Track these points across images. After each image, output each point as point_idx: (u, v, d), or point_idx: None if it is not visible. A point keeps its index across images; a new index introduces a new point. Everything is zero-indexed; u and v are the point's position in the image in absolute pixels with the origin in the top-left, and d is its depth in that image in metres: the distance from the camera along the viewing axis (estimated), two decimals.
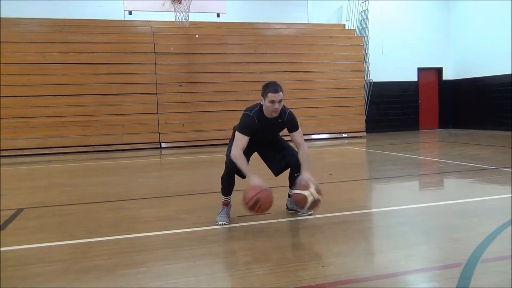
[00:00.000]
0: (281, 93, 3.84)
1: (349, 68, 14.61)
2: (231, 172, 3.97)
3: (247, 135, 3.91)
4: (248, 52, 13.49)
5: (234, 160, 3.82)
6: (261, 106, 3.95)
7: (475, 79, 15.53)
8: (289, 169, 4.21)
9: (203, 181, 6.55)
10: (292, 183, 4.24)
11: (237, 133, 3.94)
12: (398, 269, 2.84)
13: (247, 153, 4.17)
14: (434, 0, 16.24)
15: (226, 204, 4.09)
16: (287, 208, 4.39)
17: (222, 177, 4.04)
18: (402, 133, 15.16)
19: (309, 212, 4.21)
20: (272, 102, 3.82)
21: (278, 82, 3.91)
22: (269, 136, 4.18)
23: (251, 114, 3.95)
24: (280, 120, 4.02)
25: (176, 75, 12.86)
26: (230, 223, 3.98)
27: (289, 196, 4.33)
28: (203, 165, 8.74)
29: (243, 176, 4.08)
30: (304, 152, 4.04)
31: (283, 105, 3.99)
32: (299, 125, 4.13)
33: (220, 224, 3.93)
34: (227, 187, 4.05)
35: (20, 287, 2.74)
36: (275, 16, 14.75)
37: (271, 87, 3.84)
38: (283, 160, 4.16)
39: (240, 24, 14.15)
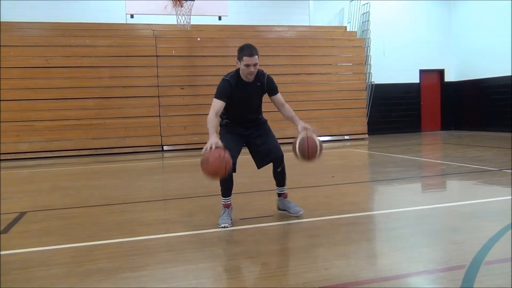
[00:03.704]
0: (256, 56, 3.84)
1: (351, 70, 14.60)
2: (230, 172, 3.96)
3: (222, 100, 3.91)
4: None
5: (207, 122, 3.84)
6: (238, 70, 3.96)
7: (477, 81, 15.51)
8: (273, 167, 4.20)
9: (205, 184, 6.54)
10: (277, 179, 4.25)
11: (213, 99, 3.94)
12: (401, 271, 2.83)
13: (238, 146, 4.09)
14: (435, 1, 16.23)
15: (227, 206, 4.08)
16: (278, 209, 4.37)
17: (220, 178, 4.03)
18: (404, 135, 15.14)
19: (299, 213, 4.21)
20: (247, 66, 3.83)
21: (254, 46, 3.91)
22: (251, 102, 4.11)
23: (227, 78, 3.96)
24: (259, 84, 4.03)
25: (178, 78, 12.88)
26: (232, 226, 3.97)
27: (279, 195, 4.33)
28: None
29: (234, 170, 4.00)
30: (289, 109, 4.12)
31: (262, 70, 4.01)
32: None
33: (222, 227, 3.93)
34: (226, 187, 4.05)
35: None
36: (276, 18, 14.76)
37: (246, 50, 3.83)
38: (267, 156, 4.13)
39: (241, 26, 14.17)
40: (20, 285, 2.81)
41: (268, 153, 4.12)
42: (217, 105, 3.91)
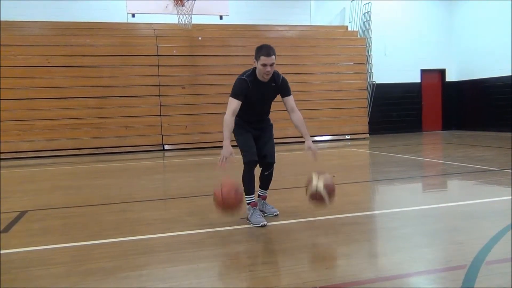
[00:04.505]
0: (273, 56, 3.86)
1: (352, 69, 14.59)
2: (251, 167, 3.98)
3: (239, 100, 3.94)
4: (251, 54, 13.30)
5: (224, 123, 3.88)
6: (255, 69, 3.99)
7: (479, 81, 15.49)
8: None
9: (206, 183, 6.55)
10: (262, 181, 4.29)
11: (230, 98, 3.96)
12: (402, 271, 2.83)
13: (253, 142, 4.15)
14: (436, 1, 16.21)
15: (255, 205, 4.08)
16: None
17: (243, 175, 4.02)
18: (405, 135, 15.12)
19: (275, 213, 4.25)
20: (264, 65, 3.85)
21: (272, 46, 3.92)
22: (264, 103, 4.15)
23: (244, 77, 3.98)
24: (273, 84, 4.05)
25: (179, 77, 12.88)
26: (232, 225, 3.96)
27: (258, 196, 4.36)
28: (206, 167, 8.74)
29: (256, 163, 4.10)
30: (299, 117, 4.14)
31: (277, 71, 4.03)
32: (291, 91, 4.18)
33: (262, 225, 3.89)
34: (250, 184, 4.05)
35: None
36: (277, 18, 14.76)
37: (264, 50, 3.86)
38: (263, 159, 4.16)
39: (243, 26, 14.16)
40: (21, 284, 2.81)
41: (265, 156, 4.14)
42: (234, 104, 3.93)
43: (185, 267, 3.01)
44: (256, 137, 4.19)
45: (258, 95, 4.02)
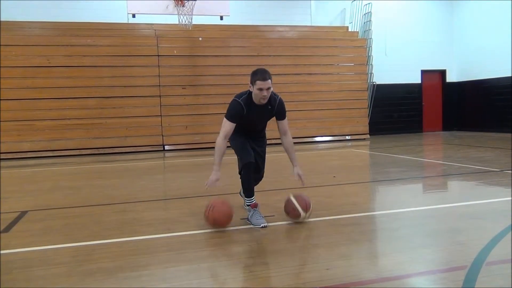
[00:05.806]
0: (269, 80, 3.82)
1: (352, 70, 14.59)
2: (250, 169, 3.97)
3: (234, 122, 3.94)
4: (252, 54, 13.50)
5: (216, 146, 3.87)
6: (250, 92, 3.94)
7: (479, 81, 15.49)
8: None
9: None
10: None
11: (224, 119, 3.96)
12: (402, 272, 2.83)
13: (249, 146, 4.16)
14: (437, 2, 16.22)
15: (256, 206, 4.07)
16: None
17: (242, 178, 4.03)
18: (405, 135, 15.12)
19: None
20: (260, 90, 3.81)
21: (267, 69, 3.89)
22: (259, 123, 4.17)
23: (239, 100, 3.95)
24: (269, 107, 4.02)
25: (179, 77, 12.88)
26: (233, 226, 3.96)
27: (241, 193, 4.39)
28: (206, 167, 8.72)
29: (255, 167, 4.12)
30: (290, 141, 4.17)
31: (273, 92, 3.99)
32: (286, 114, 4.17)
33: (263, 227, 3.89)
34: (250, 186, 4.06)
35: None
36: (278, 18, 14.76)
37: (259, 74, 3.81)
38: (257, 173, 4.23)
39: (243, 26, 14.16)
40: (21, 285, 2.81)
41: (259, 170, 4.23)
42: (229, 127, 3.93)
43: (186, 267, 3.01)
44: (253, 149, 4.18)
45: (253, 119, 4.02)
